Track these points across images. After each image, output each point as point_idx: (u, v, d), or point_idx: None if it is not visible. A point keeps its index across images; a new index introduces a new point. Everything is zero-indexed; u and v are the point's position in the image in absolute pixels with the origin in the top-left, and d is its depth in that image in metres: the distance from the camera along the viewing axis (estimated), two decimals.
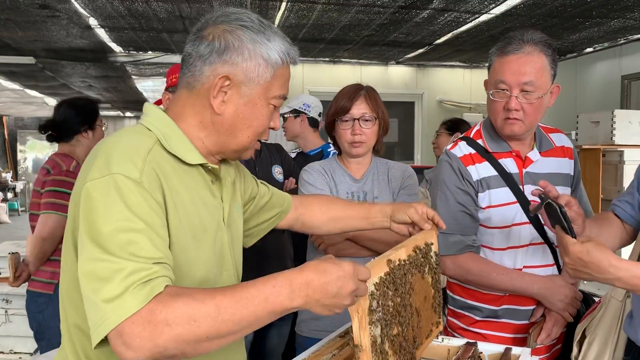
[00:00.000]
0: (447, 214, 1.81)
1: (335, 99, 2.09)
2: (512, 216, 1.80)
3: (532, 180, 1.82)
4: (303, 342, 2.07)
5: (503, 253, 1.83)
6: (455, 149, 1.88)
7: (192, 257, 1.15)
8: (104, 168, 1.04)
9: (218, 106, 1.16)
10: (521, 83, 1.68)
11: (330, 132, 2.13)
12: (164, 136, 1.15)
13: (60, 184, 2.63)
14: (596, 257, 1.31)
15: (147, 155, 1.08)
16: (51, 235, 2.59)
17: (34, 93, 9.97)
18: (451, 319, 2.00)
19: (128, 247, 0.97)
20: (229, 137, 1.20)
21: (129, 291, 0.93)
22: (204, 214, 1.19)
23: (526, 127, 1.75)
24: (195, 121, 1.19)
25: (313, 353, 1.35)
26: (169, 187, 1.10)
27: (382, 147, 2.15)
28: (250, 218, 1.52)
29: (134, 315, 0.91)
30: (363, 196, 2.08)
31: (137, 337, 0.91)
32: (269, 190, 1.57)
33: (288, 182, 2.80)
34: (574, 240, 1.36)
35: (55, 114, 2.83)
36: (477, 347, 1.43)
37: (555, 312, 1.78)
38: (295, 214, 1.62)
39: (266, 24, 1.19)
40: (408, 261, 1.34)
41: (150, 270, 0.97)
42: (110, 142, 1.12)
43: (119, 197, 1.00)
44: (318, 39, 5.80)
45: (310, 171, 2.11)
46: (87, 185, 1.03)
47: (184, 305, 0.93)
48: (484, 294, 1.86)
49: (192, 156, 1.18)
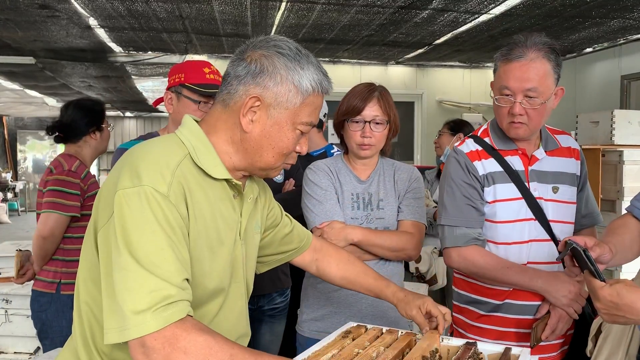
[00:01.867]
0: (454, 207, 1.86)
1: (347, 98, 2.05)
2: (517, 211, 1.83)
3: (537, 178, 1.85)
4: (304, 342, 2.07)
5: (508, 248, 1.84)
6: (463, 145, 1.92)
7: (206, 269, 1.20)
8: (135, 178, 1.09)
9: (246, 124, 1.22)
10: (525, 89, 1.72)
11: (338, 130, 2.11)
12: (195, 149, 1.21)
13: (61, 184, 2.64)
14: (629, 299, 1.28)
15: (176, 169, 1.14)
16: (51, 234, 2.60)
17: (33, 93, 9.98)
18: (456, 314, 2.02)
19: (156, 263, 1.04)
20: (255, 155, 1.25)
21: (152, 310, 1.01)
22: (222, 227, 1.24)
23: (531, 130, 1.80)
24: (226, 136, 1.25)
25: (313, 353, 1.36)
26: (192, 200, 1.16)
27: (389, 149, 2.13)
28: (268, 246, 1.55)
29: (156, 332, 1.01)
30: (368, 198, 2.07)
31: (155, 353, 1.01)
32: (291, 223, 1.61)
33: (287, 183, 2.79)
34: (602, 283, 1.34)
35: (62, 115, 2.84)
36: (477, 346, 1.43)
37: (559, 308, 1.78)
38: (313, 256, 1.65)
39: (303, 53, 1.25)
40: None
41: (174, 292, 1.04)
42: (143, 151, 1.17)
43: (149, 209, 1.07)
44: (318, 39, 5.80)
45: (316, 170, 2.10)
46: (120, 193, 1.09)
47: (204, 343, 1.02)
48: (488, 289, 1.88)
49: (218, 171, 1.23)
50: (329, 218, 2.00)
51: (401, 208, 2.08)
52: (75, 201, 2.64)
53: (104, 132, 2.89)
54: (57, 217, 2.60)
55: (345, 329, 1.56)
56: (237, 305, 1.32)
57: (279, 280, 2.65)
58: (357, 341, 1.46)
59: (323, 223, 2.00)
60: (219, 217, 1.23)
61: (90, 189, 2.72)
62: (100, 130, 2.86)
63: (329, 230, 1.97)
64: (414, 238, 2.04)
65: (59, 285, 2.66)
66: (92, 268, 1.16)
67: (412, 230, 2.04)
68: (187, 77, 2.10)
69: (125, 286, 1.03)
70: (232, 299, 1.30)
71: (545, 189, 1.85)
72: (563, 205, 1.87)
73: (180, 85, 2.11)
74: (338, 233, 1.97)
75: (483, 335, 1.86)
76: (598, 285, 1.33)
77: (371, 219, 2.05)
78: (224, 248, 1.25)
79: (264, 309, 2.67)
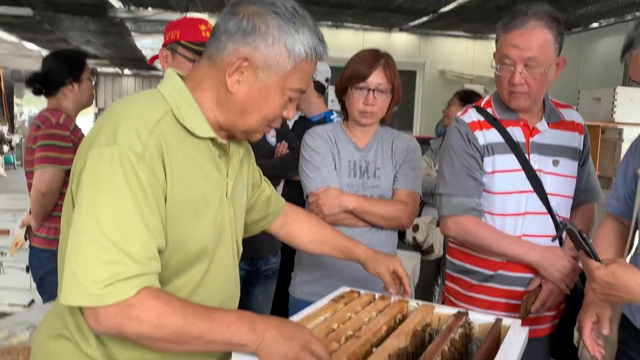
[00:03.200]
0: (452, 176, 1.87)
1: (352, 63, 2.02)
2: (515, 183, 1.83)
3: (538, 150, 1.85)
4: (296, 304, 2.10)
5: (504, 219, 1.85)
6: (465, 115, 1.92)
7: (189, 231, 1.15)
8: (111, 136, 1.05)
9: (232, 85, 1.16)
10: (524, 58, 1.71)
11: (340, 96, 2.09)
12: (178, 106, 1.16)
13: (53, 137, 2.59)
14: (623, 279, 1.28)
15: (155, 127, 1.09)
16: (49, 189, 2.57)
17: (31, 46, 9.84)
18: (449, 283, 2.04)
19: (120, 229, 1.01)
20: (238, 117, 1.20)
21: (104, 283, 0.98)
22: (207, 188, 1.19)
23: (531, 100, 1.79)
24: (211, 95, 1.19)
25: (306, 316, 1.37)
26: (171, 160, 1.11)
27: (389, 118, 2.12)
28: (251, 210, 1.51)
29: (111, 304, 0.99)
30: (365, 166, 2.06)
31: (107, 320, 1.00)
32: (269, 187, 1.58)
33: (280, 146, 2.77)
34: (598, 264, 1.34)
35: (41, 65, 2.76)
36: (468, 316, 1.45)
37: (552, 282, 1.80)
38: (282, 220, 1.62)
39: (300, 14, 1.17)
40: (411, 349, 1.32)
41: (132, 267, 1.00)
42: (122, 107, 1.12)
43: (121, 172, 1.02)
44: (321, 1, 5.70)
45: (314, 136, 2.09)
46: (94, 151, 1.05)
47: (158, 310, 1.01)
48: (482, 259, 1.90)
49: (203, 129, 1.18)
50: (325, 184, 2.00)
51: (397, 177, 2.08)
52: (69, 154, 2.59)
53: (84, 84, 2.77)
54: (53, 171, 2.56)
55: (338, 294, 1.57)
56: (225, 268, 1.28)
57: (275, 242, 2.67)
58: (350, 306, 1.48)
59: (319, 189, 2.00)
60: (203, 178, 1.18)
61: (80, 141, 2.68)
62: (79, 81, 2.75)
63: (324, 197, 1.98)
64: (408, 207, 2.05)
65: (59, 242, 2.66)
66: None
67: (406, 199, 2.05)
68: (183, 34, 2.05)
69: (80, 252, 1.00)
70: (220, 261, 1.26)
71: (546, 162, 1.85)
72: (562, 178, 1.87)
73: (176, 43, 2.06)
74: (333, 199, 1.98)
75: (474, 304, 1.88)
76: (594, 265, 1.34)
77: (367, 187, 2.05)
78: (209, 209, 1.20)
79: (261, 270, 2.71)
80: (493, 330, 1.37)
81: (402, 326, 1.35)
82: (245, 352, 1.08)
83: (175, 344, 1.03)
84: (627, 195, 1.65)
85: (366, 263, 1.59)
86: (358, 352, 1.20)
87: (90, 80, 2.83)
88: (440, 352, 1.19)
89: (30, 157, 2.65)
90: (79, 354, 1.14)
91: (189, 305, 1.05)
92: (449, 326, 1.35)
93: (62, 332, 1.17)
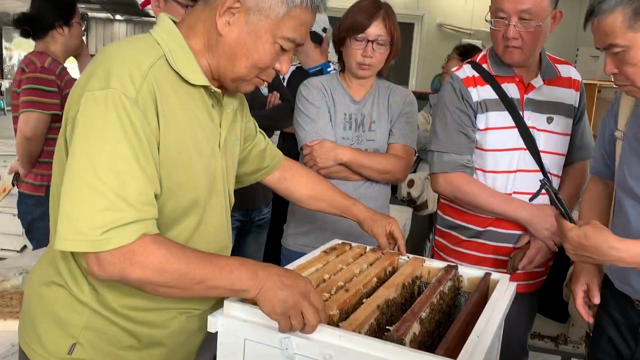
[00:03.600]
0: (444, 133, 1.87)
1: (351, 13, 1.97)
2: (508, 140, 1.83)
3: (532, 107, 1.85)
4: (288, 255, 2.12)
5: (495, 176, 1.86)
6: (460, 71, 1.90)
7: (182, 179, 1.14)
8: (104, 80, 1.03)
9: (222, 26, 1.12)
10: (519, 11, 1.69)
11: (338, 47, 2.04)
12: (171, 52, 1.13)
13: (37, 81, 2.54)
14: (595, 241, 1.31)
15: (148, 71, 1.06)
16: (34, 134, 2.53)
17: None
18: (438, 238, 2.06)
19: (116, 173, 0.99)
20: (227, 63, 1.16)
21: (102, 229, 0.97)
22: (200, 137, 1.18)
23: (526, 55, 1.77)
24: (204, 39, 1.16)
25: (297, 266, 1.38)
26: (164, 106, 1.09)
27: (386, 71, 2.08)
28: (243, 162, 1.49)
29: (114, 249, 0.99)
30: (361, 119, 2.04)
31: (110, 265, 1.00)
32: (264, 140, 1.55)
33: (272, 96, 2.74)
34: (572, 225, 1.36)
35: (30, 7, 2.68)
36: (458, 270, 1.47)
37: (540, 240, 1.82)
38: (281, 174, 1.61)
39: None
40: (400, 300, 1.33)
41: (129, 213, 1.00)
42: (114, 51, 1.09)
43: (115, 115, 1.01)
44: None
45: (310, 87, 2.05)
46: (86, 95, 1.03)
47: (161, 256, 1.01)
48: (472, 215, 1.91)
49: (196, 76, 1.15)
50: (320, 137, 1.99)
51: (392, 131, 2.07)
52: (54, 98, 2.55)
53: (73, 29, 2.71)
54: (38, 115, 2.52)
55: (330, 246, 1.59)
56: (217, 219, 1.28)
57: (268, 192, 2.68)
58: (341, 258, 1.49)
59: (314, 141, 1.99)
60: (197, 126, 1.16)
61: (67, 85, 2.62)
62: (69, 25, 2.69)
63: (318, 149, 1.97)
64: (403, 162, 2.04)
65: (47, 188, 2.65)
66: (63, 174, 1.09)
67: (401, 153, 2.04)
68: None
69: (77, 197, 0.99)
70: (212, 212, 1.25)
71: (539, 119, 1.85)
72: (556, 136, 1.87)
73: None
74: (328, 152, 1.97)
75: (462, 259, 1.91)
76: (567, 227, 1.37)
77: (362, 140, 2.04)
78: (201, 159, 1.18)
79: (254, 220, 2.73)
80: (482, 284, 1.39)
81: (392, 278, 1.37)
82: (245, 297, 1.09)
83: (177, 289, 1.04)
84: (605, 155, 1.66)
85: (363, 223, 1.59)
86: (348, 303, 1.22)
87: (81, 25, 2.76)
88: (429, 304, 1.21)
89: (16, 101, 2.62)
90: (72, 300, 1.15)
91: (191, 251, 1.06)
92: (438, 279, 1.37)
93: (54, 279, 1.18)
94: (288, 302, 1.04)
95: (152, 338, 1.20)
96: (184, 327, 1.24)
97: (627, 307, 1.55)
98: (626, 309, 1.56)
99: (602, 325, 1.63)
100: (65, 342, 1.15)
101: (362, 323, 1.11)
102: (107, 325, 1.15)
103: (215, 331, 1.11)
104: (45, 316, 1.17)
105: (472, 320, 1.18)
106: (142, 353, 1.20)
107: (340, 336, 1.02)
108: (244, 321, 1.09)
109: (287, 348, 1.04)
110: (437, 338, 1.25)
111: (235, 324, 1.09)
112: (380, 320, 1.19)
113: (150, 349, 1.20)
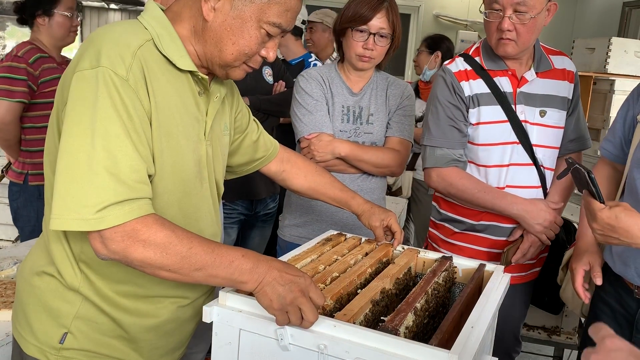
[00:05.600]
0: (436, 127, 1.86)
1: (353, 4, 1.94)
2: (501, 134, 1.82)
3: (525, 100, 1.83)
4: (284, 246, 2.12)
5: (488, 170, 1.85)
6: (452, 64, 1.89)
7: (171, 160, 1.14)
8: (94, 59, 1.03)
9: (207, 12, 1.12)
10: (514, 3, 1.68)
11: (338, 37, 2.02)
12: (159, 37, 1.13)
13: (7, 70, 2.53)
14: (626, 223, 1.30)
15: (137, 51, 1.07)
16: (2, 121, 2.52)
17: None
18: (432, 230, 2.07)
19: (110, 153, 0.99)
20: (214, 49, 1.16)
21: (103, 209, 0.98)
22: (187, 121, 1.18)
23: (519, 47, 1.76)
24: (190, 25, 1.16)
25: (293, 257, 1.39)
26: (155, 86, 1.09)
27: (385, 63, 2.07)
28: (235, 153, 1.49)
29: (116, 226, 0.99)
30: (359, 111, 2.04)
31: (114, 243, 1.00)
32: (258, 129, 1.54)
33: (277, 85, 2.78)
34: (602, 205, 1.35)
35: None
36: (452, 261, 1.47)
37: (532, 234, 1.83)
38: (280, 166, 1.60)
39: None
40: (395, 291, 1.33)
41: (124, 190, 1.00)
42: (103, 33, 1.09)
43: (106, 93, 1.01)
44: None
45: (308, 78, 2.04)
46: (77, 75, 1.03)
47: (164, 237, 1.01)
48: (466, 209, 1.91)
49: (184, 62, 1.15)
50: (318, 129, 1.98)
51: (390, 124, 2.06)
52: (21, 87, 2.54)
53: (55, 18, 2.68)
54: (5, 104, 2.52)
55: (326, 236, 1.59)
56: (205, 206, 1.28)
57: (272, 184, 2.68)
58: (337, 248, 1.49)
59: (311, 134, 1.98)
60: (183, 110, 1.16)
61: (44, 74, 2.60)
62: (49, 15, 2.66)
63: (316, 142, 1.96)
64: (400, 156, 2.04)
65: (26, 176, 2.66)
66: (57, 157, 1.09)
67: (398, 147, 2.04)
68: None
69: (69, 176, 0.99)
70: (199, 198, 1.25)
71: (532, 112, 1.84)
72: (549, 129, 1.86)
73: None
74: (326, 146, 1.96)
75: (455, 252, 1.90)
76: (598, 207, 1.35)
77: (359, 133, 2.04)
78: (189, 143, 1.18)
79: (260, 214, 2.73)
80: (476, 275, 1.40)
81: (387, 269, 1.37)
82: (243, 290, 1.09)
83: (176, 274, 1.04)
84: (623, 140, 1.65)
85: (361, 216, 1.60)
86: (343, 293, 1.23)
87: (67, 16, 2.72)
88: (423, 294, 1.22)
89: None
90: (63, 290, 1.16)
91: (194, 236, 1.06)
92: (433, 270, 1.38)
93: (45, 269, 1.18)
94: (286, 299, 1.04)
95: (141, 328, 1.20)
96: (174, 317, 1.25)
97: (624, 295, 1.56)
98: (624, 297, 1.56)
99: (596, 314, 1.63)
100: (57, 331, 1.16)
101: (356, 313, 1.12)
102: (98, 315, 1.16)
103: (210, 321, 1.11)
104: (37, 306, 1.18)
105: (466, 311, 1.18)
106: (132, 342, 1.21)
107: (335, 326, 1.03)
108: (239, 311, 1.10)
109: (282, 338, 1.04)
110: (431, 329, 1.26)
111: (231, 314, 1.10)
112: (375, 311, 1.20)
113: (139, 338, 1.21)
